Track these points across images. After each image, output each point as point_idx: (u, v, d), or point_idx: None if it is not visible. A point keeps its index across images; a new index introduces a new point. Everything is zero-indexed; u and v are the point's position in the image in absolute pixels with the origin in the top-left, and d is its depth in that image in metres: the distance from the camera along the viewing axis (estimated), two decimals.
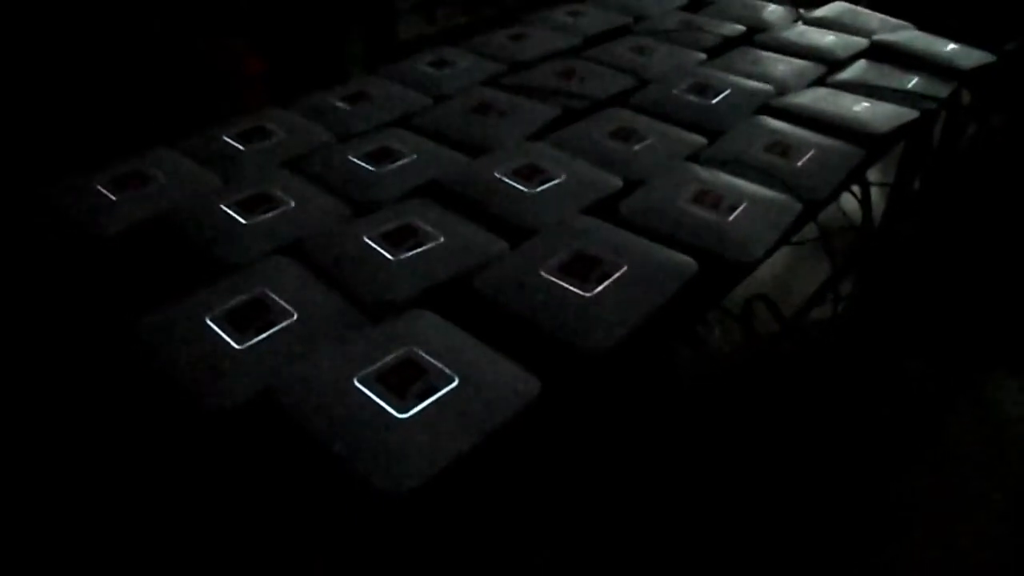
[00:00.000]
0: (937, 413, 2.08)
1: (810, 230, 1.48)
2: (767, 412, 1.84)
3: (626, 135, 1.53)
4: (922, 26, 2.17)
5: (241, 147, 1.50)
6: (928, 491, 1.86)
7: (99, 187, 1.37)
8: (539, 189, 1.34)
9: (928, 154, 2.11)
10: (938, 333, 2.30)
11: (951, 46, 1.99)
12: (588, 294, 1.10)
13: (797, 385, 1.97)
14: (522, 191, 1.34)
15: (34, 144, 2.25)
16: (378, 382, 0.96)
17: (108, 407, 1.06)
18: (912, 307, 2.37)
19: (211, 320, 1.07)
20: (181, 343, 1.04)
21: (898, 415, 2.06)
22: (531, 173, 1.38)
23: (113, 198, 1.35)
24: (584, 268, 1.14)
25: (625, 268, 1.14)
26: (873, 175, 1.76)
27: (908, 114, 1.66)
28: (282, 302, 1.09)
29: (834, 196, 1.47)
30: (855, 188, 1.80)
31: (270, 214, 1.29)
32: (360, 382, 0.96)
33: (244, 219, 1.27)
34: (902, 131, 1.64)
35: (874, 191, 1.86)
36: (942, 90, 1.80)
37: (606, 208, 1.34)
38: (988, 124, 2.33)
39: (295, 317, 1.07)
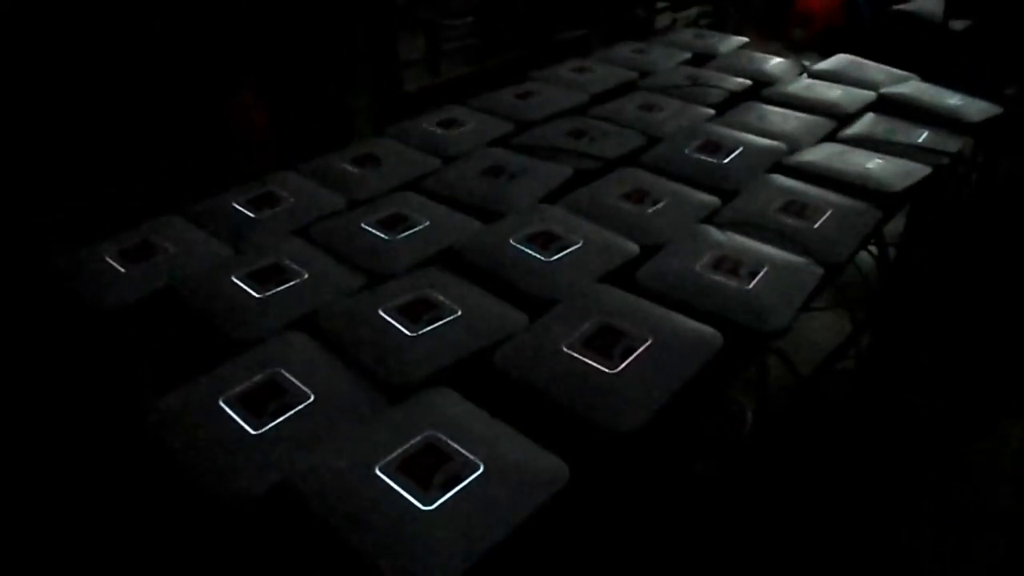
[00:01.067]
0: (951, 452, 2.05)
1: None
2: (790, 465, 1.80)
3: (640, 197, 1.52)
4: (922, 74, 2.17)
5: (251, 214, 1.48)
6: (939, 529, 1.82)
7: (107, 258, 1.35)
8: (555, 257, 1.32)
9: (937, 207, 2.10)
10: (951, 378, 2.27)
11: (958, 98, 1.99)
12: (613, 371, 1.07)
13: (818, 440, 1.93)
14: (539, 259, 1.32)
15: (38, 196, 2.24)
16: (400, 471, 0.92)
17: (118, 495, 1.02)
18: (926, 354, 2.34)
19: (225, 403, 1.03)
20: (194, 429, 1.01)
21: (912, 455, 2.02)
22: (547, 240, 1.36)
23: (121, 270, 1.32)
24: (607, 343, 1.11)
25: (650, 342, 1.11)
26: None
27: (921, 170, 1.65)
28: (298, 383, 1.06)
29: (852, 257, 1.45)
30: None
31: (283, 287, 1.26)
32: (382, 471, 0.92)
33: (256, 293, 1.25)
34: (916, 187, 1.62)
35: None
36: (952, 144, 1.80)
37: (623, 274, 1.32)
38: (995, 173, 2.32)
39: (311, 399, 1.04)
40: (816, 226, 1.44)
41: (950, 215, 2.20)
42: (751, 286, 1.26)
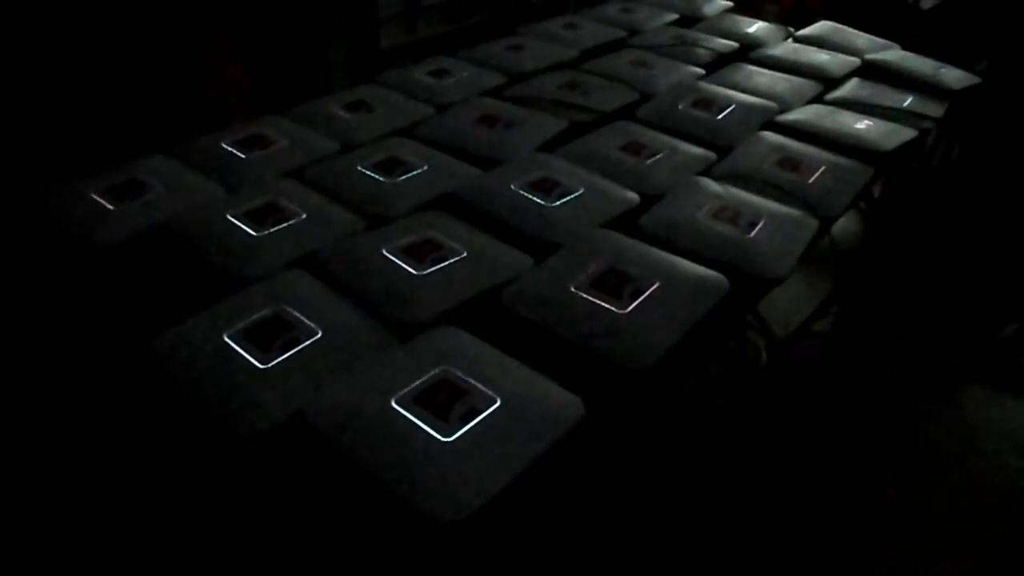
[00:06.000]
0: (915, 417, 2.11)
1: None
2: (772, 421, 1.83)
3: (637, 149, 1.51)
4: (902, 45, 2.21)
5: (242, 155, 1.44)
6: (911, 493, 1.88)
7: (94, 196, 1.30)
8: (558, 203, 1.31)
9: (915, 172, 2.14)
10: (915, 343, 2.33)
11: (939, 67, 2.03)
12: (623, 311, 1.07)
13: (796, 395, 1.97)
14: (541, 204, 1.31)
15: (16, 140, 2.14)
16: (417, 404, 0.91)
17: (123, 432, 0.99)
18: (892, 317, 2.39)
19: (230, 338, 1.01)
20: (199, 363, 0.98)
21: (879, 420, 2.07)
22: (548, 187, 1.35)
23: (110, 207, 1.28)
24: (616, 284, 1.12)
25: (657, 284, 1.12)
26: None
27: (908, 133, 1.68)
28: (304, 318, 1.04)
29: (845, 212, 1.47)
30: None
31: (281, 225, 1.23)
32: (398, 404, 0.91)
33: (254, 231, 1.22)
34: (903, 149, 1.65)
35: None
36: (936, 109, 1.83)
37: (623, 222, 1.32)
38: (975, 142, 2.38)
39: (319, 335, 1.02)
40: (810, 181, 1.46)
41: (927, 180, 2.25)
42: (752, 235, 1.27)
